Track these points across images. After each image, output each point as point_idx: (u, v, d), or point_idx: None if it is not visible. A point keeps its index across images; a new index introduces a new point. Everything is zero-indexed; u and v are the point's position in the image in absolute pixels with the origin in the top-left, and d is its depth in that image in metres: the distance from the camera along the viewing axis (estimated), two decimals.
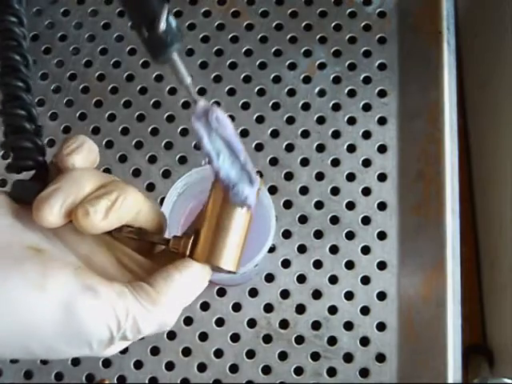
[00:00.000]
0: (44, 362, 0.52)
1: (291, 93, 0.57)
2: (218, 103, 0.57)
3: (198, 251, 0.29)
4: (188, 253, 0.29)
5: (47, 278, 0.26)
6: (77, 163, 0.29)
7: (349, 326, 0.51)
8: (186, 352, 0.51)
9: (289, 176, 0.55)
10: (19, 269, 0.26)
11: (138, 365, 0.52)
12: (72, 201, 0.27)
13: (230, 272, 0.30)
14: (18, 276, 0.26)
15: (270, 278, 0.52)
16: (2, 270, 0.26)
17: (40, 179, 0.30)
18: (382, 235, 0.52)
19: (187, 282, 0.29)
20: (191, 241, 0.30)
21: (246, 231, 0.31)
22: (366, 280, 0.52)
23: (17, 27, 0.29)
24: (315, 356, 0.51)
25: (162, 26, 0.27)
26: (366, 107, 0.56)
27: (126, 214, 0.28)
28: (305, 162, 0.55)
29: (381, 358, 0.50)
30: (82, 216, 0.27)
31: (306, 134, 0.55)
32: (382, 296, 0.51)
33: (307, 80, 0.57)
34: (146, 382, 0.51)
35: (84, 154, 0.29)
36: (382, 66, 0.57)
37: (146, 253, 0.32)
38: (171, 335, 0.52)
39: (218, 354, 0.51)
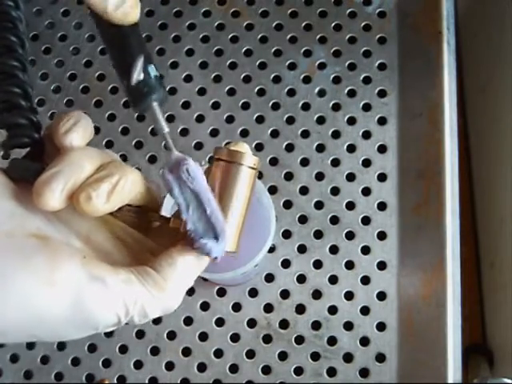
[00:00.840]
0: (44, 362, 0.52)
1: (291, 93, 0.57)
2: (217, 103, 0.57)
3: None
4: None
5: (56, 273, 0.26)
6: (74, 142, 0.29)
7: (349, 326, 0.51)
8: (186, 352, 0.51)
9: (289, 176, 0.55)
10: (27, 264, 0.26)
11: (138, 365, 0.52)
12: (73, 184, 0.27)
13: (229, 253, 0.30)
14: (26, 273, 0.26)
15: (270, 277, 0.52)
16: (9, 266, 0.26)
17: (36, 156, 0.30)
18: (382, 235, 0.52)
19: (191, 267, 0.30)
20: None
21: (246, 213, 0.31)
22: (366, 280, 0.52)
23: (13, 10, 0.29)
24: (315, 356, 0.51)
25: (137, 76, 0.28)
26: (366, 107, 0.56)
27: (127, 196, 0.29)
28: (305, 162, 0.55)
29: (381, 357, 0.50)
30: (85, 200, 0.27)
31: (306, 134, 0.55)
32: (382, 296, 0.51)
33: (307, 80, 0.57)
34: (146, 382, 0.51)
35: (81, 131, 0.29)
36: (381, 66, 0.57)
37: (143, 230, 0.32)
38: (171, 335, 0.52)
39: (218, 354, 0.51)
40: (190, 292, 0.53)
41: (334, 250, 0.52)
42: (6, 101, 0.29)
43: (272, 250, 0.52)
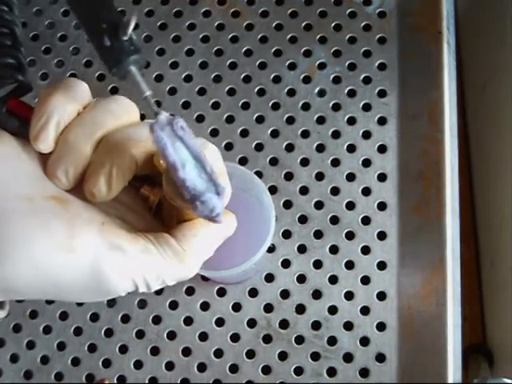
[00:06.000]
0: (44, 362, 0.52)
1: (291, 93, 0.57)
2: (217, 103, 0.57)
3: None
4: None
5: (74, 239, 0.26)
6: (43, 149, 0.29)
7: (349, 325, 0.51)
8: (186, 352, 0.51)
9: (289, 176, 0.54)
10: (46, 229, 0.26)
11: (138, 365, 0.51)
12: (75, 169, 0.29)
13: None
14: (44, 238, 0.26)
15: (270, 277, 0.52)
16: (28, 231, 0.26)
17: (18, 95, 0.30)
18: (381, 235, 0.52)
19: (214, 239, 0.30)
20: None
21: None
22: (366, 280, 0.52)
23: None
24: (315, 356, 0.51)
25: (128, 33, 0.28)
26: (366, 107, 0.56)
27: (126, 177, 0.29)
28: (305, 162, 0.55)
29: (381, 357, 0.50)
30: (90, 196, 0.29)
31: (306, 134, 0.55)
32: (382, 296, 0.51)
33: (307, 80, 0.57)
34: (146, 381, 0.51)
35: (52, 135, 0.29)
36: (381, 66, 0.57)
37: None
38: (171, 335, 0.52)
39: (218, 353, 0.51)
40: (190, 292, 0.53)
41: (334, 249, 0.52)
42: None
43: (272, 249, 0.53)
